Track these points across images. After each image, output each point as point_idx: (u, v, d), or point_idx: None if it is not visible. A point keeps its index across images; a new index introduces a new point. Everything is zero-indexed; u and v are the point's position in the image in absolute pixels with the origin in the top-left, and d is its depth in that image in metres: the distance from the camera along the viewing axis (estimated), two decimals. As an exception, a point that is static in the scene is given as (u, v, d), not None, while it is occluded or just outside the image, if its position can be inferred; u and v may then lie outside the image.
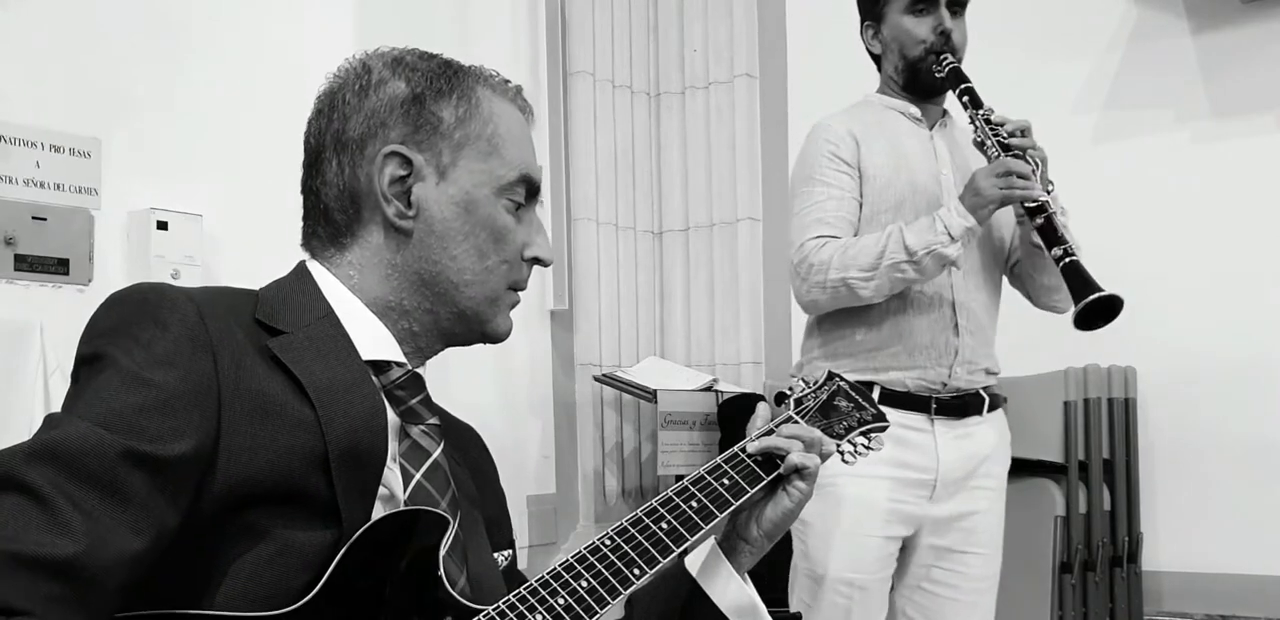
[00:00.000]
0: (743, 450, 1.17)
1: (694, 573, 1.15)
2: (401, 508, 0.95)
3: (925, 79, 2.06)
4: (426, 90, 1.03)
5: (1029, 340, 2.96)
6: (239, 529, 0.87)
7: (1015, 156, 1.91)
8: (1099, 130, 3.10)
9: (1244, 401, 2.83)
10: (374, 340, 1.01)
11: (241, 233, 2.56)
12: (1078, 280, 1.80)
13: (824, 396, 1.31)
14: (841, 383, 1.35)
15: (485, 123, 1.04)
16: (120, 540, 0.79)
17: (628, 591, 0.99)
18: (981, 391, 2.02)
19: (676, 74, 3.76)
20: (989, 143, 1.95)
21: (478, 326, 1.07)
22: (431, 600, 0.89)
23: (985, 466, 2.02)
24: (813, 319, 2.09)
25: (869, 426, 1.32)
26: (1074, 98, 3.13)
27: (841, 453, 1.28)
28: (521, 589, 0.94)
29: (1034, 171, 1.89)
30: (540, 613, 0.93)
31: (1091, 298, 1.77)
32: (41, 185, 2.28)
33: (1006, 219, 2.08)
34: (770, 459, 1.17)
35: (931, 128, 2.12)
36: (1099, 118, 3.10)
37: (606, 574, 0.99)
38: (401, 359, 1.02)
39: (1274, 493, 2.78)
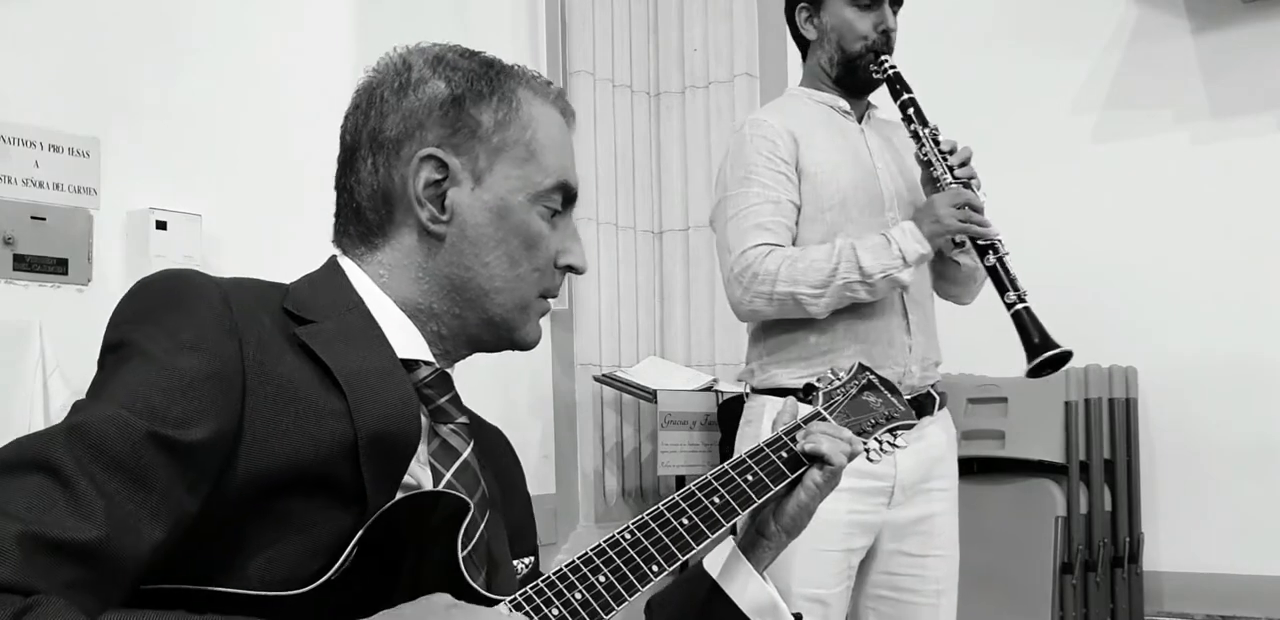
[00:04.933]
0: (768, 444, 1.15)
1: (713, 573, 1.13)
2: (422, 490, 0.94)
3: (862, 76, 2.02)
4: (466, 92, 1.01)
5: (1029, 340, 2.97)
6: (260, 514, 0.87)
7: (964, 185, 1.90)
8: (1099, 130, 3.10)
9: (1244, 401, 2.83)
10: (404, 338, 1.00)
11: (241, 233, 2.56)
12: (1029, 334, 1.81)
13: (853, 391, 1.27)
14: (871, 376, 1.30)
15: (524, 128, 1.02)
16: (140, 526, 0.78)
17: (645, 588, 0.98)
18: (932, 390, 2.00)
19: (676, 74, 3.76)
20: (938, 167, 1.92)
21: (506, 334, 1.05)
22: (448, 586, 0.89)
23: (939, 468, 1.99)
24: (757, 324, 2.05)
25: (897, 424, 1.28)
26: (1074, 98, 3.13)
27: (867, 451, 1.24)
28: (539, 581, 0.94)
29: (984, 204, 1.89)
30: (556, 607, 0.92)
31: (1044, 356, 1.78)
32: (41, 185, 2.28)
33: None
34: (796, 456, 1.15)
35: (860, 120, 2.08)
36: (1099, 118, 3.10)
37: (625, 570, 0.98)
38: (430, 358, 1.01)
39: (1274, 493, 2.78)
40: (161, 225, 2.41)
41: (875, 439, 1.26)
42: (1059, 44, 3.13)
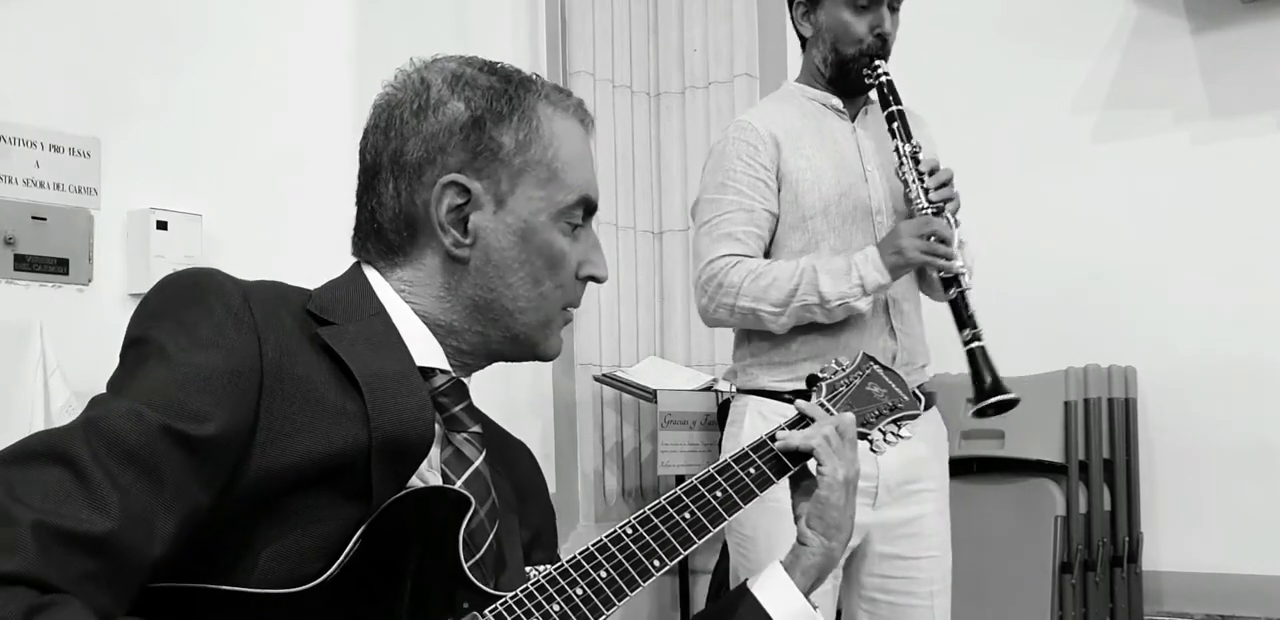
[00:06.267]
0: (771, 438, 1.16)
1: (755, 591, 1.12)
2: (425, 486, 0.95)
3: (855, 79, 1.99)
4: (486, 113, 1.00)
5: (1029, 340, 2.97)
6: (269, 510, 0.87)
7: (938, 210, 1.86)
8: (1099, 130, 3.10)
9: (1244, 401, 2.83)
10: (422, 347, 1.01)
11: (241, 233, 2.56)
12: (981, 374, 1.79)
13: (857, 382, 1.27)
14: (875, 366, 1.30)
15: (546, 147, 1.02)
16: (153, 519, 0.79)
17: (647, 583, 0.99)
18: (917, 391, 2.00)
19: (676, 74, 3.76)
20: (914, 189, 1.89)
21: (529, 348, 1.07)
22: (450, 583, 0.90)
23: (926, 469, 1.98)
24: (742, 329, 2.04)
25: (901, 414, 1.28)
26: (1074, 98, 3.13)
27: (870, 441, 1.24)
28: (540, 577, 0.94)
29: (953, 233, 1.85)
30: (558, 603, 0.93)
31: (991, 400, 1.78)
32: (41, 185, 2.28)
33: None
34: (795, 452, 1.16)
35: (854, 119, 2.05)
36: (1099, 118, 3.10)
37: (627, 565, 0.99)
38: (447, 367, 1.02)
39: (1274, 493, 2.78)
40: (162, 225, 2.41)
41: (879, 430, 1.26)
42: (1059, 44, 3.13)
